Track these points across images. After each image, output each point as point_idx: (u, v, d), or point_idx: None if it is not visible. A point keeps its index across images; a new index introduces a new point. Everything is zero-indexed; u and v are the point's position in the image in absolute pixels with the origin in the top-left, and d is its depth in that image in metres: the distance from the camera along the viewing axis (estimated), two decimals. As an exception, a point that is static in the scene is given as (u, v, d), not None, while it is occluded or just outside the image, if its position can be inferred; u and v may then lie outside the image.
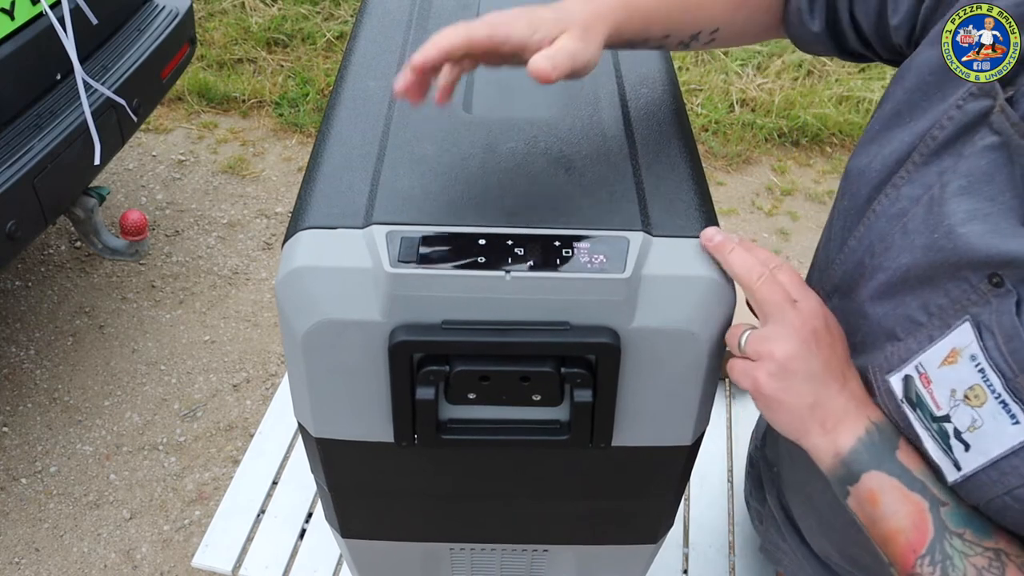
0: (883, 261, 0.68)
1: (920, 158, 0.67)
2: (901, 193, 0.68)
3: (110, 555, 1.83)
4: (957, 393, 0.60)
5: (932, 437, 0.63)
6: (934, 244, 0.63)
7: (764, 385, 0.63)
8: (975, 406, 0.60)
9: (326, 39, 3.34)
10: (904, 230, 0.66)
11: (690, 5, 0.72)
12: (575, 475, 0.68)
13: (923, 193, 0.66)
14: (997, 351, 0.58)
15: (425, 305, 0.55)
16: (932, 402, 0.63)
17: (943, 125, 0.65)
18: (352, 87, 0.72)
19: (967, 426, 0.60)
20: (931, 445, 0.63)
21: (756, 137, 3.06)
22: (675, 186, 0.64)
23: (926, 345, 0.63)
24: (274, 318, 2.35)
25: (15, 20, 1.77)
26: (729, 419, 1.24)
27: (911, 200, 0.67)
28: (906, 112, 0.70)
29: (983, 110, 0.62)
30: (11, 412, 2.08)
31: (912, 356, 0.64)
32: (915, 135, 0.68)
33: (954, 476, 0.62)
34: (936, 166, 0.65)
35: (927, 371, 0.63)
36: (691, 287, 0.56)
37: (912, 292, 0.65)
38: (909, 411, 0.64)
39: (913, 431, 0.64)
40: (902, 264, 0.66)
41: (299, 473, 1.14)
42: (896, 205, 0.68)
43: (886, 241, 0.68)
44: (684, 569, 1.06)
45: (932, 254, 0.63)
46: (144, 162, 2.86)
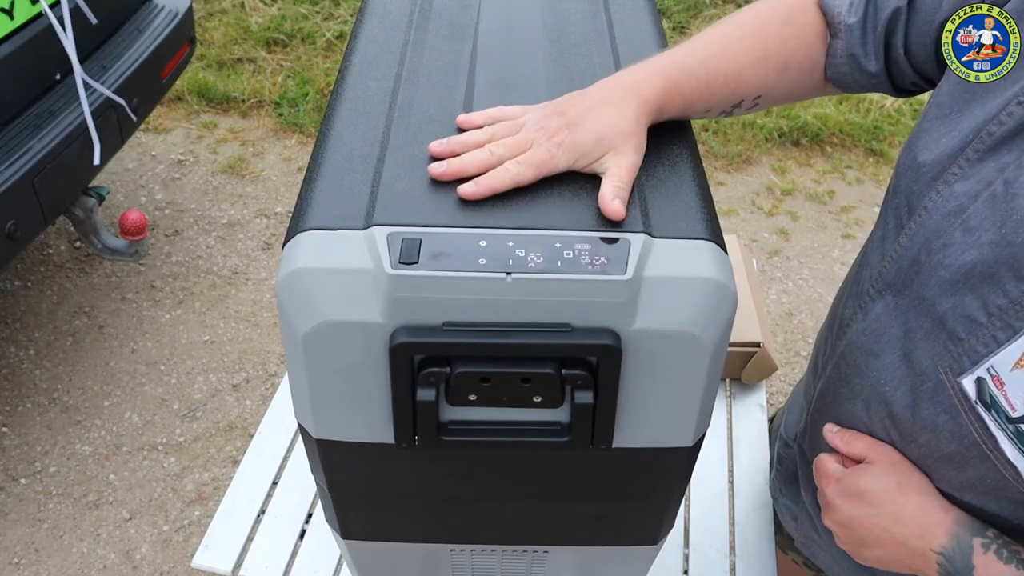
0: (943, 258, 0.67)
1: (975, 154, 0.66)
2: (955, 190, 0.67)
3: (110, 555, 1.83)
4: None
5: (1009, 438, 0.63)
6: (1003, 239, 0.62)
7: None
8: None
9: (326, 39, 3.34)
10: (966, 227, 0.65)
11: (730, 79, 0.72)
12: (576, 477, 0.67)
13: (982, 189, 0.65)
14: None
15: (426, 307, 0.55)
16: (1007, 404, 0.62)
17: (1002, 121, 0.64)
18: (352, 87, 0.72)
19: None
20: (1008, 447, 0.63)
21: (756, 137, 3.06)
22: (676, 187, 0.64)
23: (993, 347, 0.62)
24: (274, 318, 2.35)
25: (14, 20, 1.77)
26: (729, 420, 1.24)
27: (968, 196, 0.66)
28: (957, 108, 0.69)
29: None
30: (11, 412, 2.08)
31: (982, 359, 0.63)
32: (968, 131, 0.67)
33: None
34: (994, 162, 0.64)
35: (999, 374, 0.62)
36: (692, 289, 0.56)
37: (973, 291, 0.64)
38: (984, 412, 0.64)
39: (989, 433, 0.64)
40: (967, 261, 0.65)
41: (299, 473, 1.14)
42: (951, 202, 0.67)
43: (944, 238, 0.67)
44: (684, 570, 1.06)
45: (1001, 249, 0.62)
46: (144, 162, 2.86)
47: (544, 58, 0.76)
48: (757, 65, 0.73)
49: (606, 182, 0.61)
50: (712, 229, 0.60)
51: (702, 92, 0.70)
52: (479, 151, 0.63)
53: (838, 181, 2.96)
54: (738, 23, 0.75)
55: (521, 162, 0.62)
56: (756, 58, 0.73)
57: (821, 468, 0.79)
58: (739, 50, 0.72)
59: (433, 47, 0.77)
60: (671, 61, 0.70)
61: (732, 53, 0.72)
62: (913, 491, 0.70)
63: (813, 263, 2.64)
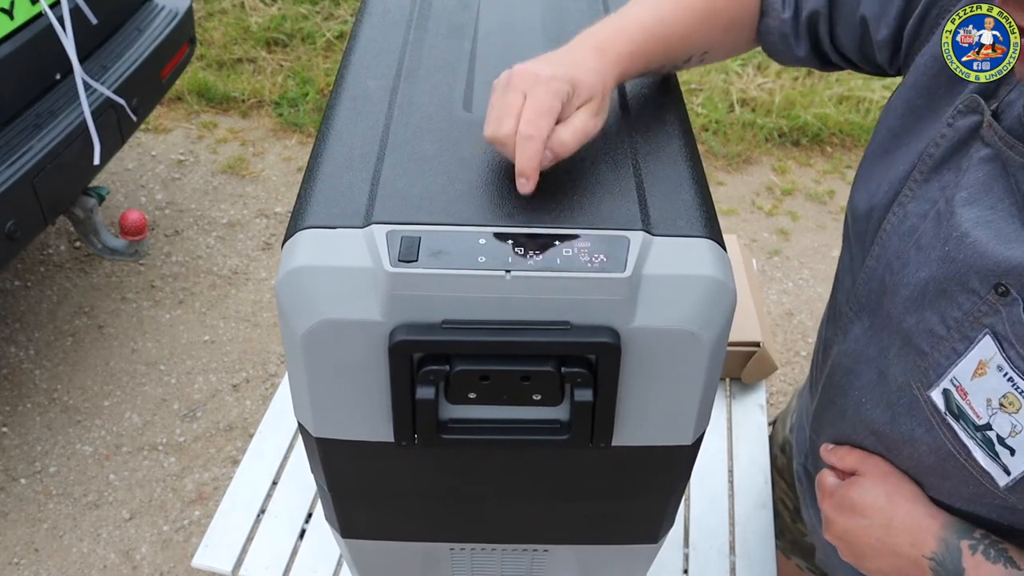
0: (903, 277, 0.69)
1: (921, 176, 0.69)
2: (908, 211, 0.70)
3: (110, 555, 1.83)
4: (993, 402, 0.62)
5: (978, 446, 0.64)
6: (947, 256, 0.64)
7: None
8: (1011, 412, 0.61)
9: (326, 39, 3.34)
10: (918, 245, 0.68)
11: (684, 37, 0.73)
12: (576, 475, 0.68)
13: (930, 208, 0.67)
14: (1020, 359, 0.59)
15: (425, 305, 0.55)
16: (972, 412, 0.64)
17: (938, 143, 0.67)
18: (352, 87, 0.72)
19: (1008, 432, 0.61)
20: (979, 454, 0.64)
21: (756, 137, 3.06)
22: (675, 186, 0.64)
23: (954, 358, 0.64)
24: (274, 318, 2.35)
25: (14, 20, 1.77)
26: (729, 419, 1.24)
27: (919, 216, 0.68)
28: (902, 135, 0.72)
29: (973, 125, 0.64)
30: (11, 412, 2.08)
31: (945, 371, 0.65)
32: (914, 154, 0.70)
33: (1005, 480, 0.63)
34: (937, 182, 0.67)
35: (961, 383, 0.64)
36: (692, 287, 0.56)
37: (931, 306, 0.66)
38: (954, 423, 0.66)
39: (961, 443, 0.65)
40: (921, 279, 0.67)
41: (299, 473, 1.14)
42: (906, 223, 0.70)
43: (902, 258, 0.69)
44: (684, 569, 1.06)
45: (946, 266, 0.64)
46: (144, 162, 2.86)
47: (544, 57, 0.76)
48: (706, 22, 0.74)
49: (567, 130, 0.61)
50: (711, 227, 0.60)
51: (660, 51, 0.71)
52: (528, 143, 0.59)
53: (838, 181, 2.96)
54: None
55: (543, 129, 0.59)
56: (705, 15, 0.74)
57: (820, 484, 0.81)
58: (690, 6, 0.73)
59: (433, 46, 0.77)
60: (629, 21, 0.71)
61: (684, 9, 0.73)
62: (902, 500, 0.72)
63: (813, 263, 2.64)
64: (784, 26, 0.77)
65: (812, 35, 0.78)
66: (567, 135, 0.60)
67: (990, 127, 0.62)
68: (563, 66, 0.63)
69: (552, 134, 0.60)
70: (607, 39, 0.68)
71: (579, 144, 0.61)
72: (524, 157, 0.58)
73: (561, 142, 0.60)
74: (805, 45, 0.78)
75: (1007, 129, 0.61)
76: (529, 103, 0.60)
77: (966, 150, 0.65)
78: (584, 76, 0.63)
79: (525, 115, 0.59)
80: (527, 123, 0.59)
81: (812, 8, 0.76)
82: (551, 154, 0.60)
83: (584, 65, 0.64)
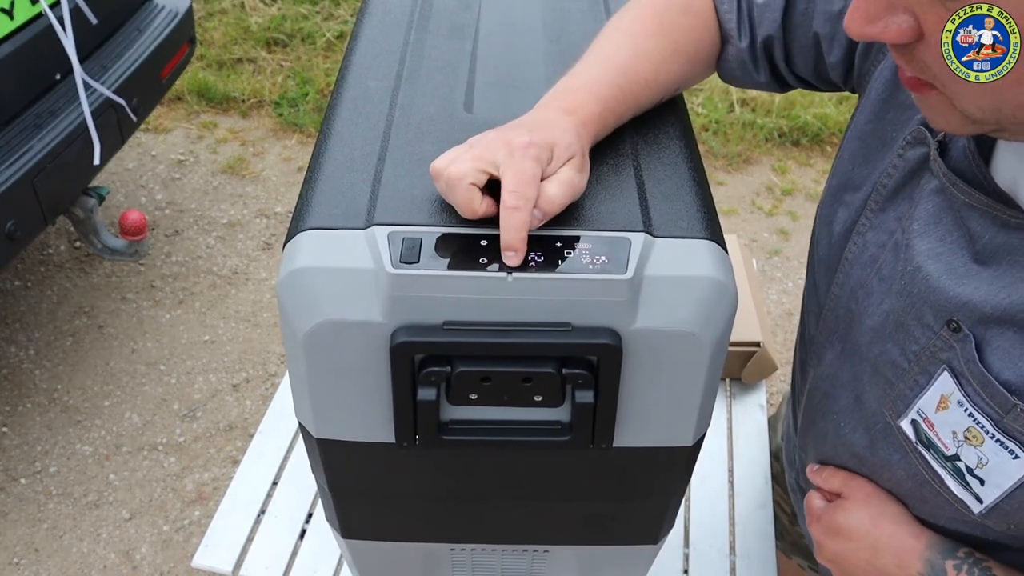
0: (867, 306, 0.70)
1: (876, 205, 0.69)
2: (867, 240, 0.70)
3: (110, 555, 1.83)
4: (958, 435, 0.62)
5: (950, 475, 0.64)
6: (903, 289, 0.65)
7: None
8: (976, 445, 0.61)
9: (326, 39, 3.34)
10: (880, 276, 0.68)
11: (650, 81, 0.70)
12: (576, 476, 0.68)
13: (888, 239, 0.68)
14: (978, 396, 0.60)
15: (427, 306, 0.55)
16: (940, 443, 0.64)
17: (890, 173, 0.68)
18: (353, 87, 0.72)
19: (975, 463, 0.61)
20: (951, 482, 0.64)
21: (756, 137, 3.06)
22: (676, 186, 0.64)
23: (917, 391, 0.64)
24: (274, 318, 2.35)
25: (14, 20, 1.77)
26: (730, 420, 1.24)
27: (878, 246, 0.69)
28: (860, 162, 0.72)
29: (922, 156, 0.64)
30: (11, 412, 2.08)
31: (911, 402, 0.65)
32: (869, 183, 0.70)
33: (978, 508, 0.63)
34: (893, 211, 0.67)
35: (927, 416, 0.64)
36: (693, 288, 0.56)
37: (891, 338, 0.66)
38: (925, 452, 0.66)
39: (934, 471, 0.66)
40: (883, 310, 0.67)
41: (299, 473, 1.14)
42: (866, 252, 0.70)
43: (866, 287, 0.70)
44: (684, 569, 1.06)
45: (903, 299, 0.65)
46: (144, 162, 2.86)
47: (544, 58, 0.76)
48: (671, 60, 0.71)
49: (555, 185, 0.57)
50: (712, 228, 0.60)
51: (629, 101, 0.68)
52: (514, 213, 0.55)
53: (838, 181, 2.96)
54: (639, 18, 0.73)
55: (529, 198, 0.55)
56: (668, 53, 0.71)
57: (808, 507, 0.81)
58: (651, 48, 0.70)
59: (433, 47, 0.77)
60: (593, 78, 0.67)
61: (645, 53, 0.70)
62: (886, 521, 0.72)
63: (813, 263, 2.64)
64: (742, 54, 0.76)
65: (769, 60, 0.77)
66: (554, 189, 0.56)
67: (936, 161, 0.62)
68: (537, 129, 0.59)
69: (539, 194, 0.56)
70: (575, 101, 0.64)
71: (568, 199, 0.57)
72: (511, 229, 0.54)
73: (548, 198, 0.55)
74: (765, 71, 0.77)
75: (951, 165, 0.61)
76: (509, 173, 0.55)
77: (918, 181, 0.65)
78: (560, 136, 0.59)
79: (507, 185, 0.55)
80: (510, 193, 0.54)
81: (767, 33, 0.74)
82: (540, 214, 0.55)
83: (558, 126, 0.60)
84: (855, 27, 0.51)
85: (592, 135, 0.64)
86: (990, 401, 0.59)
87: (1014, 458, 0.58)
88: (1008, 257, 0.57)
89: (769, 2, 0.73)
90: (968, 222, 0.60)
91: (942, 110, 0.53)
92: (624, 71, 0.68)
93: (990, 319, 0.58)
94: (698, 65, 0.75)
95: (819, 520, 0.78)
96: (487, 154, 0.56)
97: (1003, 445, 0.59)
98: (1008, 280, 0.57)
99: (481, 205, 0.56)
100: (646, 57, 0.70)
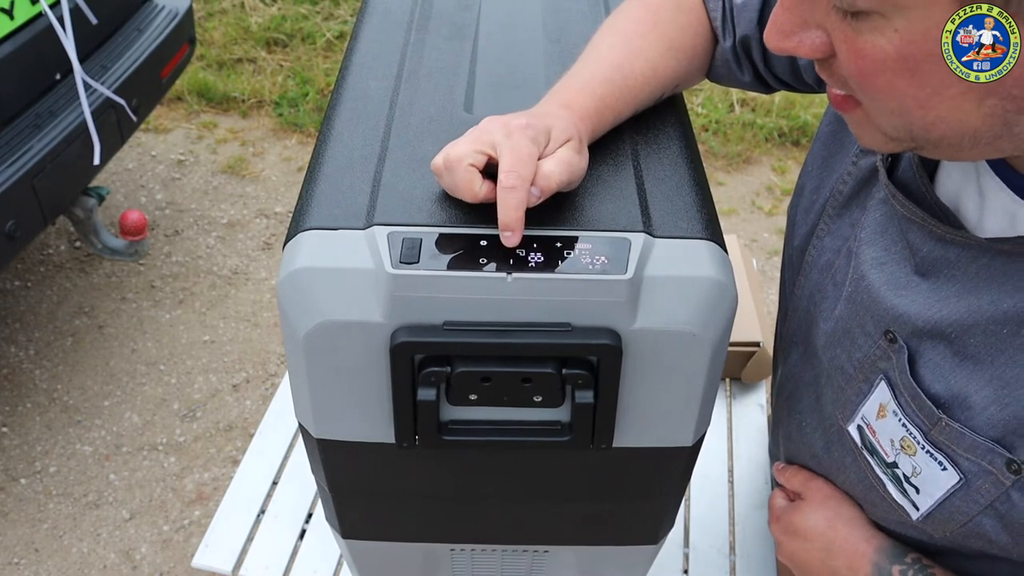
0: (822, 311, 0.71)
1: (832, 210, 0.70)
2: (824, 244, 0.71)
3: (110, 555, 1.83)
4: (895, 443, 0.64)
5: (890, 481, 0.66)
6: (850, 296, 0.66)
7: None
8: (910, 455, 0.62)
9: (326, 39, 3.34)
10: (834, 281, 0.69)
11: (648, 78, 0.70)
12: (576, 476, 0.68)
13: (842, 245, 0.69)
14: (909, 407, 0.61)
15: (426, 306, 0.55)
16: (881, 450, 0.65)
17: (845, 180, 0.69)
18: (353, 87, 0.72)
19: (911, 472, 0.63)
20: (892, 489, 0.66)
21: (756, 137, 3.06)
22: (676, 187, 0.64)
23: (861, 398, 0.65)
24: (274, 318, 2.35)
25: (14, 20, 1.77)
26: (730, 420, 1.24)
27: (833, 252, 0.70)
28: (821, 167, 0.73)
29: (872, 165, 0.65)
30: (10, 412, 2.08)
31: (855, 408, 0.66)
32: (827, 189, 0.71)
33: (916, 515, 0.65)
34: (848, 218, 0.68)
35: (869, 423, 0.65)
36: (693, 288, 0.56)
37: (839, 344, 0.67)
38: (869, 457, 0.67)
39: (877, 476, 0.67)
40: (835, 315, 0.68)
41: (299, 473, 1.14)
42: (823, 256, 0.71)
43: (822, 291, 0.71)
44: (684, 569, 1.06)
45: (850, 306, 0.66)
46: (144, 162, 2.86)
47: (544, 58, 0.76)
48: (667, 57, 0.72)
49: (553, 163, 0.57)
50: (712, 228, 0.61)
51: (626, 98, 0.68)
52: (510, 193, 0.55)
53: (838, 181, 2.96)
54: (632, 19, 0.73)
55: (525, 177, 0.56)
56: (663, 50, 0.72)
57: (770, 506, 0.83)
58: (645, 47, 0.71)
59: (434, 47, 0.77)
60: (589, 76, 0.67)
61: (640, 51, 0.70)
62: (840, 524, 0.73)
63: (813, 263, 2.64)
64: (726, 53, 0.76)
65: (750, 60, 0.77)
66: (551, 165, 0.56)
67: (881, 172, 0.63)
68: (535, 116, 0.60)
69: (535, 172, 0.56)
70: (571, 97, 0.65)
71: (565, 177, 0.57)
72: (508, 208, 0.54)
73: (544, 175, 0.56)
74: (748, 71, 0.77)
75: (898, 176, 0.62)
76: (506, 152, 0.55)
77: (870, 189, 0.66)
78: (557, 122, 0.60)
79: (504, 165, 0.55)
80: (507, 173, 0.54)
81: (744, 33, 0.74)
82: (538, 191, 0.55)
83: (555, 114, 0.61)
84: (772, 41, 0.51)
85: (590, 129, 0.65)
86: (919, 413, 0.60)
87: (943, 470, 0.59)
88: (944, 271, 0.58)
89: (747, 2, 0.73)
90: (908, 234, 0.61)
91: (867, 128, 0.53)
92: (619, 68, 0.69)
93: (923, 332, 0.59)
94: (695, 61, 0.75)
95: (779, 520, 0.79)
96: (485, 136, 0.58)
97: (932, 457, 0.60)
98: (943, 294, 0.58)
99: (481, 188, 0.57)
100: (641, 55, 0.70)
